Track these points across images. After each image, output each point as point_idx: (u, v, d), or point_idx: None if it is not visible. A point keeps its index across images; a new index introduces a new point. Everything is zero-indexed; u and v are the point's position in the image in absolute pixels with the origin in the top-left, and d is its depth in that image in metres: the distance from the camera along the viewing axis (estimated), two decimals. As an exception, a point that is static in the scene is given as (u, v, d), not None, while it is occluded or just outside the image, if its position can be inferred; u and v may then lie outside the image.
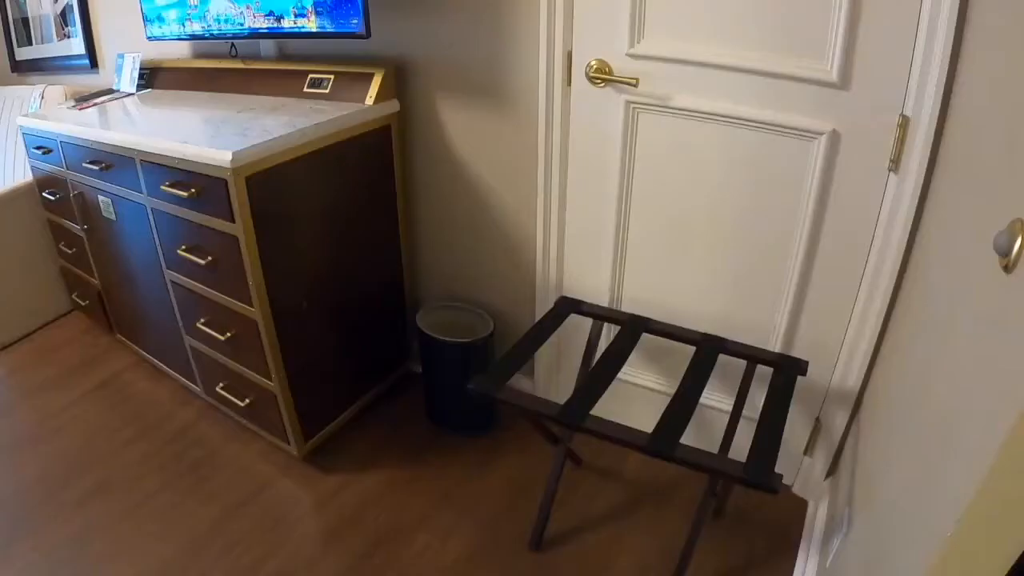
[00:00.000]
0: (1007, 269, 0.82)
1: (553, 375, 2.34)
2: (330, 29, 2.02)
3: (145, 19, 2.69)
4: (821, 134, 1.62)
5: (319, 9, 2.01)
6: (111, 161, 2.22)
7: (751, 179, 1.76)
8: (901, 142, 1.53)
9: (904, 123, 1.51)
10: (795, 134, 1.66)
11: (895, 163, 1.56)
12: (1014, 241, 0.80)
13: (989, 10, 1.23)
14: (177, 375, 2.57)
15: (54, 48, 3.81)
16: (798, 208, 1.72)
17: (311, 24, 2.06)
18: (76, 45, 3.60)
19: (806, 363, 1.75)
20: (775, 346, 1.92)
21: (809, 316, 1.84)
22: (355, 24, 1.94)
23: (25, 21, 4.04)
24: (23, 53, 4.17)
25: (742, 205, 1.80)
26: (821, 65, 1.57)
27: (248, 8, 2.21)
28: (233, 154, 1.72)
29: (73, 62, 3.66)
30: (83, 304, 3.02)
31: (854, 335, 1.77)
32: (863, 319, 1.73)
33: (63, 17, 3.67)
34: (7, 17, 4.20)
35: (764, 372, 1.77)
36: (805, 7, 1.54)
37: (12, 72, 4.33)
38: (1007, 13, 1.14)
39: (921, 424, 1.13)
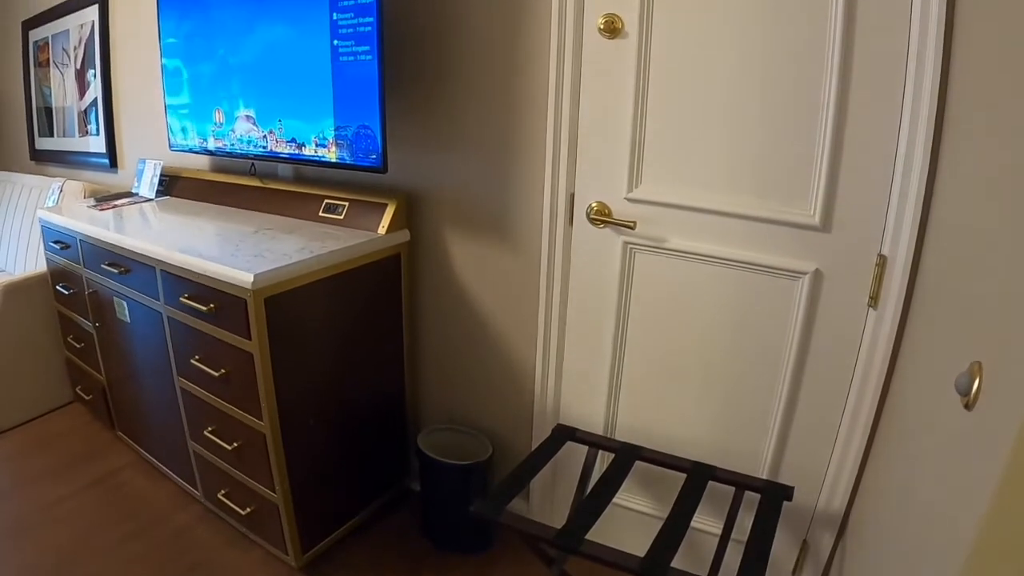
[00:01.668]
0: (967, 407, 0.90)
1: (548, 497, 2.38)
2: (349, 161, 2.15)
3: (169, 130, 2.83)
4: (805, 274, 1.74)
5: (340, 141, 2.15)
6: (130, 266, 2.31)
7: (740, 315, 1.86)
8: (879, 280, 1.64)
9: (882, 262, 1.62)
10: (781, 274, 1.77)
11: (874, 300, 1.66)
12: (973, 382, 0.89)
13: (959, 163, 1.36)
14: (177, 477, 2.59)
15: (75, 143, 3.93)
16: (784, 342, 1.82)
17: (331, 154, 2.19)
18: (96, 143, 3.71)
19: (792, 489, 1.81)
20: (763, 471, 1.98)
21: (795, 443, 1.90)
22: (373, 159, 2.07)
23: (48, 111, 4.16)
24: (43, 143, 4.28)
25: (732, 340, 1.90)
26: (804, 210, 1.70)
27: (271, 133, 2.35)
28: (254, 276, 1.82)
29: (93, 159, 3.77)
30: (86, 398, 3.05)
31: (838, 461, 1.84)
32: (846, 446, 1.80)
33: (85, 114, 3.80)
34: (31, 106, 4.34)
35: (752, 497, 1.83)
36: (790, 157, 1.68)
37: (31, 160, 4.45)
38: (970, 164, 1.26)
39: (900, 543, 1.20)
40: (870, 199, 1.61)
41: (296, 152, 2.29)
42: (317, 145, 2.21)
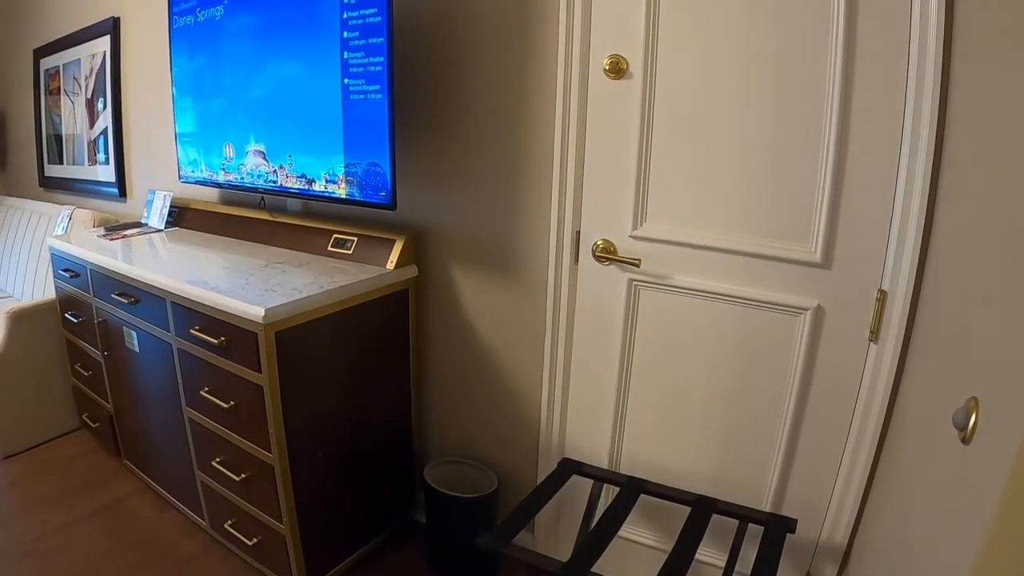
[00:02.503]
0: (964, 441, 0.93)
1: (553, 530, 2.38)
2: (359, 197, 2.18)
3: (179, 161, 2.87)
4: (807, 309, 1.77)
5: (350, 177, 2.19)
6: (141, 297, 2.33)
7: (743, 350, 1.89)
8: (879, 315, 1.67)
9: (882, 297, 1.66)
10: (783, 310, 1.80)
11: (874, 334, 1.69)
12: (969, 417, 0.92)
13: (957, 200, 1.40)
14: (183, 506, 2.60)
15: (84, 171, 3.97)
16: (786, 376, 1.84)
17: (341, 190, 2.22)
18: (105, 172, 3.75)
19: (795, 521, 1.83)
20: (766, 504, 1.99)
21: (798, 476, 1.92)
22: (383, 196, 2.10)
23: (58, 139, 4.21)
24: (52, 170, 4.32)
25: (735, 374, 1.92)
26: (806, 247, 1.74)
27: (282, 168, 2.39)
28: (266, 310, 1.85)
29: (102, 188, 3.80)
30: (92, 425, 3.07)
31: (840, 493, 1.86)
32: (849, 478, 1.82)
33: (95, 143, 3.84)
34: (41, 133, 4.39)
35: (756, 530, 1.84)
36: (791, 195, 1.72)
37: (39, 186, 4.49)
38: (968, 201, 1.30)
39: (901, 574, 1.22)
40: (870, 236, 1.65)
41: (306, 187, 2.33)
42: (327, 181, 2.25)
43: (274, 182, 2.45)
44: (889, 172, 1.58)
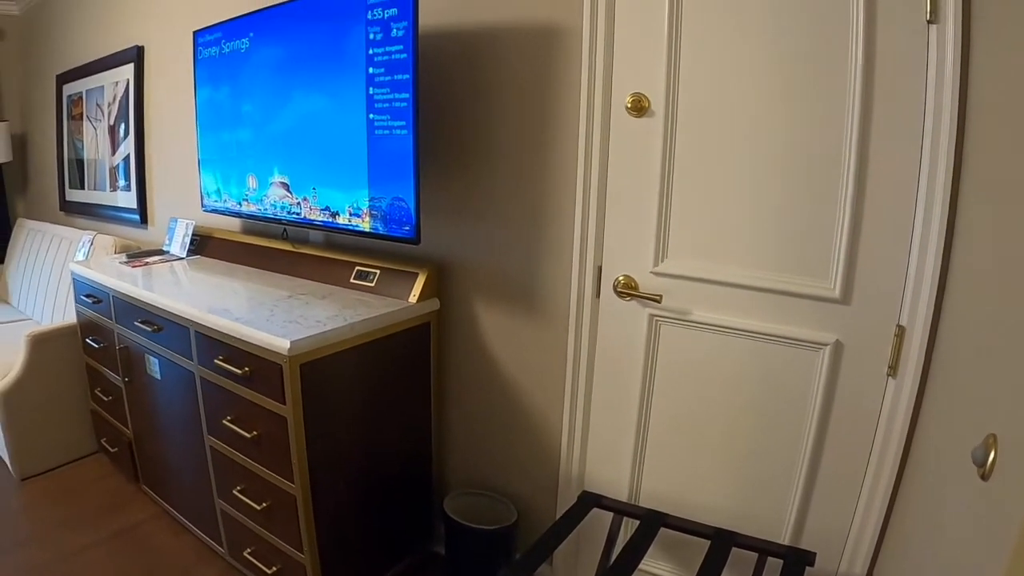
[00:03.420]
0: (983, 478, 0.94)
1: (572, 563, 2.38)
2: (383, 231, 2.20)
3: (202, 191, 2.91)
4: (826, 345, 1.78)
5: (374, 211, 2.21)
6: (164, 325, 2.37)
7: (763, 385, 1.90)
8: (898, 350, 1.68)
9: (900, 332, 1.66)
10: (802, 345, 1.82)
11: (893, 369, 1.70)
12: (988, 454, 0.93)
13: (974, 235, 1.42)
14: (201, 533, 2.60)
15: (105, 197, 4.02)
16: (805, 411, 1.85)
17: (365, 224, 2.25)
18: (126, 198, 3.79)
19: (814, 554, 1.83)
20: (785, 537, 1.99)
21: (817, 509, 1.92)
22: (407, 230, 2.12)
23: (80, 164, 4.27)
24: (73, 195, 4.38)
25: (754, 409, 1.93)
26: (825, 283, 1.75)
27: (305, 200, 2.43)
28: (291, 343, 1.87)
29: (123, 214, 3.85)
30: (111, 450, 3.09)
31: (859, 527, 1.85)
32: (867, 512, 1.82)
33: (116, 169, 3.89)
34: (63, 157, 4.45)
35: (775, 563, 1.84)
36: (810, 233, 1.74)
37: (60, 210, 4.55)
38: (985, 236, 1.31)
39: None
40: (888, 272, 1.66)
41: (330, 220, 2.36)
42: (351, 214, 2.28)
43: (297, 214, 2.48)
44: (907, 208, 1.60)
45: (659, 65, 1.87)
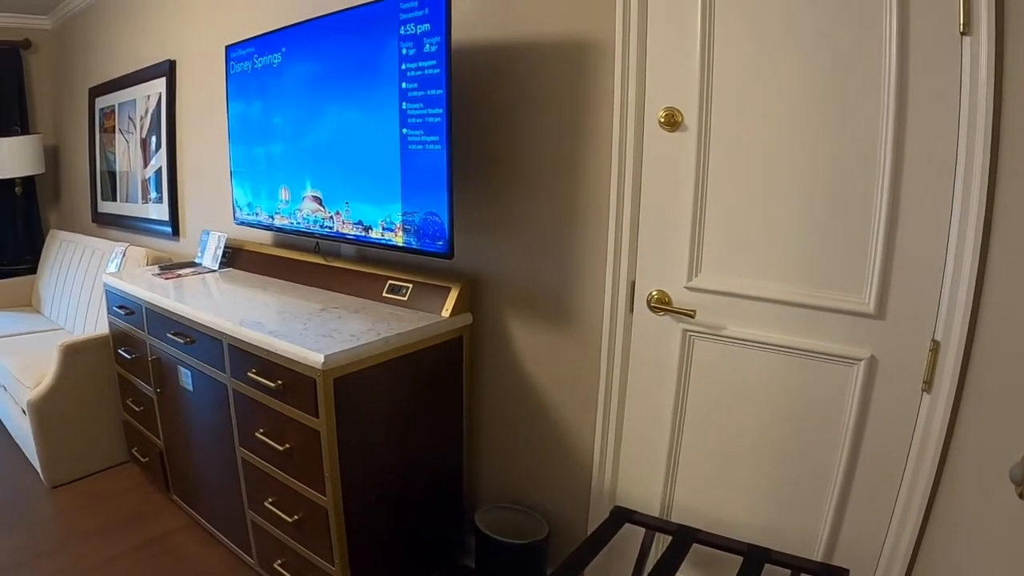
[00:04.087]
0: (1022, 496, 0.92)
1: (603, 577, 2.39)
2: (416, 246, 2.21)
3: (234, 204, 2.94)
4: (860, 360, 1.76)
5: (407, 226, 2.22)
6: (196, 337, 2.39)
7: (796, 401, 1.89)
8: (933, 365, 1.65)
9: (935, 348, 1.64)
10: (837, 360, 1.80)
11: (928, 384, 1.68)
12: None
13: (1010, 249, 1.42)
14: (232, 544, 2.62)
15: (137, 208, 4.07)
16: (839, 426, 1.83)
17: (398, 238, 2.26)
18: (158, 210, 3.84)
19: (847, 572, 1.81)
20: (817, 554, 1.97)
21: (850, 525, 1.90)
22: (440, 245, 2.13)
23: (112, 176, 4.33)
24: (105, 206, 4.44)
25: (788, 424, 1.92)
26: (859, 298, 1.74)
27: (338, 214, 2.45)
28: (325, 357, 1.89)
29: (154, 226, 3.89)
30: (142, 460, 3.12)
31: (892, 543, 1.83)
32: (901, 528, 1.79)
33: (148, 181, 3.94)
34: (95, 169, 4.52)
35: (809, 580, 1.84)
36: (845, 248, 1.73)
37: (92, 221, 4.62)
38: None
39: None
40: (923, 287, 1.64)
41: (363, 234, 2.38)
42: (384, 229, 2.29)
43: (330, 228, 2.50)
44: (942, 222, 1.59)
45: (692, 80, 1.87)
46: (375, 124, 2.26)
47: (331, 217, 2.47)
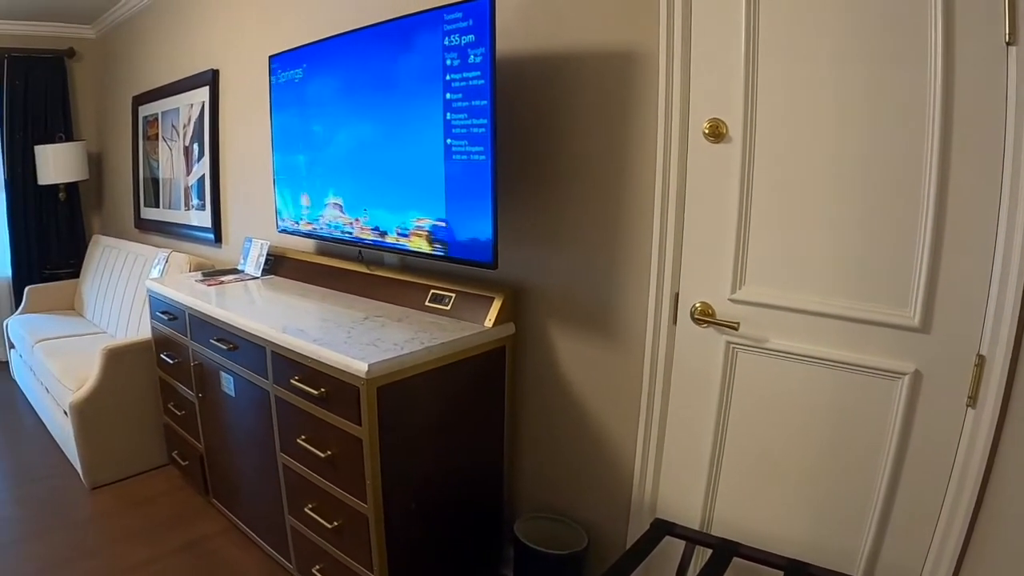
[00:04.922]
0: None
1: (641, 589, 2.37)
2: (459, 256, 2.22)
3: (277, 212, 2.98)
4: (904, 374, 1.74)
5: (451, 236, 2.23)
6: (239, 344, 2.42)
7: (840, 415, 1.87)
8: (978, 380, 1.63)
9: (981, 362, 1.62)
10: (881, 374, 1.78)
11: (972, 399, 1.65)
12: None
13: None
14: (270, 548, 2.64)
15: (179, 215, 4.14)
16: (882, 442, 1.81)
17: (442, 248, 2.27)
18: (200, 217, 3.90)
19: (889, 590, 1.80)
20: (858, 570, 1.95)
21: (891, 542, 1.87)
22: (484, 255, 2.13)
23: (155, 182, 4.41)
24: (148, 213, 4.53)
25: (831, 438, 1.90)
26: (904, 312, 1.71)
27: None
28: (369, 366, 1.91)
29: (197, 233, 3.96)
30: (182, 463, 3.16)
31: (934, 561, 1.79)
32: (943, 545, 1.76)
33: (191, 189, 4.01)
34: (138, 176, 4.60)
35: (850, 598, 1.81)
36: (890, 261, 1.71)
37: (135, 227, 4.71)
38: None
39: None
40: (969, 301, 1.62)
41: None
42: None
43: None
44: (988, 235, 1.57)
45: (736, 91, 1.87)
46: (420, 134, 2.28)
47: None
